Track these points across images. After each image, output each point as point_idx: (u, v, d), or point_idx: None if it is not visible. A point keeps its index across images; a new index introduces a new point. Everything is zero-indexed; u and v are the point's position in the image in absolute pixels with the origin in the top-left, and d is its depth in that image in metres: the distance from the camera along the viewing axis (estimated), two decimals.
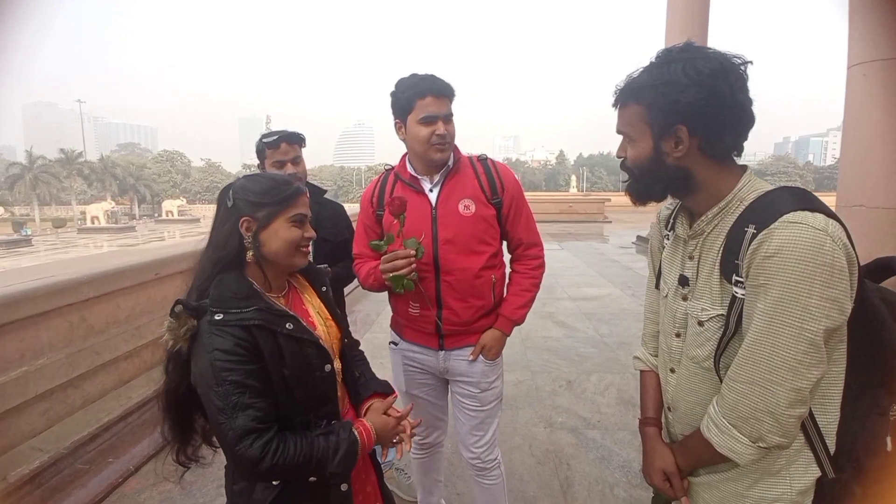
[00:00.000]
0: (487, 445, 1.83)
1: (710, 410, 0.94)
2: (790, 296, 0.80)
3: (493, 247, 1.70)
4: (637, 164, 0.98)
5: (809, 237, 0.79)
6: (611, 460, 2.72)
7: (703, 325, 0.96)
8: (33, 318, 2.41)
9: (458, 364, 1.75)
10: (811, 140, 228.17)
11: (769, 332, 0.83)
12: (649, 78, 0.93)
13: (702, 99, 0.88)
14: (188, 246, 4.09)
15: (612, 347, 4.59)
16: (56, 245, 28.23)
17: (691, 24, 8.87)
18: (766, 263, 0.82)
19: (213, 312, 1.04)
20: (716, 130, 0.91)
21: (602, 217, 21.36)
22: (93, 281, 2.76)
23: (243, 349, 1.03)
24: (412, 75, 1.63)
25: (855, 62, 4.36)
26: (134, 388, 3.04)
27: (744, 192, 0.93)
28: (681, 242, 1.05)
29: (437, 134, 1.57)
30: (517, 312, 1.75)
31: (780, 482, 0.92)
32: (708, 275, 0.96)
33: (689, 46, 0.92)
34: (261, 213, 1.12)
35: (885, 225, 4.16)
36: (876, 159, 4.24)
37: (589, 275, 8.36)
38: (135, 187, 55.26)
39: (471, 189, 1.67)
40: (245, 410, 1.00)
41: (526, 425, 3.12)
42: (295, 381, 1.09)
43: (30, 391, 2.37)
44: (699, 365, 0.99)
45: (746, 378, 0.86)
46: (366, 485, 1.34)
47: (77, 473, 2.43)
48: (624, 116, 0.99)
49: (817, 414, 0.90)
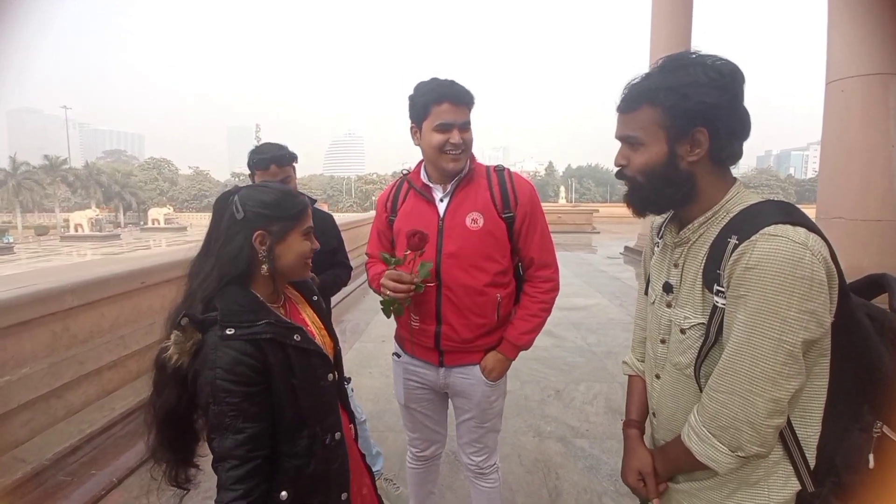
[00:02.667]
0: (487, 454, 1.81)
1: (691, 419, 0.95)
2: (769, 308, 0.81)
3: (500, 264, 1.60)
4: (646, 170, 0.96)
5: (789, 250, 0.80)
6: (599, 469, 2.73)
7: (686, 332, 0.97)
8: (15, 326, 2.37)
9: (458, 381, 1.70)
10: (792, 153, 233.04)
11: (749, 343, 0.84)
12: (663, 80, 0.91)
13: (726, 101, 0.88)
14: (175, 254, 4.05)
15: (600, 357, 4.62)
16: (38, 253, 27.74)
17: (675, 39, 9.07)
18: (746, 275, 0.83)
19: (224, 327, 1.02)
20: (729, 135, 0.91)
21: (590, 228, 21.53)
22: (76, 289, 2.72)
23: (248, 367, 1.01)
24: (432, 79, 1.55)
25: (833, 78, 4.49)
26: (118, 399, 3.00)
27: (731, 204, 0.94)
28: (668, 250, 1.06)
29: (452, 142, 1.51)
30: (523, 338, 1.65)
31: (759, 493, 0.93)
32: (691, 283, 0.97)
33: (698, 52, 0.92)
34: (275, 227, 1.12)
35: (864, 236, 4.27)
36: (854, 172, 4.36)
37: (577, 285, 8.40)
38: (120, 195, 54.59)
39: (482, 202, 1.59)
40: (235, 434, 1.00)
41: (515, 434, 3.12)
42: (303, 392, 1.09)
43: (12, 401, 2.33)
44: (682, 372, 1.00)
45: (727, 388, 0.87)
46: (361, 487, 1.35)
47: (59, 486, 2.38)
48: (633, 121, 0.96)
49: (798, 427, 0.90)
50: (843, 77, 4.36)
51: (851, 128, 4.37)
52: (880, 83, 4.16)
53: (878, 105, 4.18)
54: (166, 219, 46.12)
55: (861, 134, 4.29)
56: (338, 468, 1.19)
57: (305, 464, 1.10)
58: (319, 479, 1.13)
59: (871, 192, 4.25)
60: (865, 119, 4.26)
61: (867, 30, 4.23)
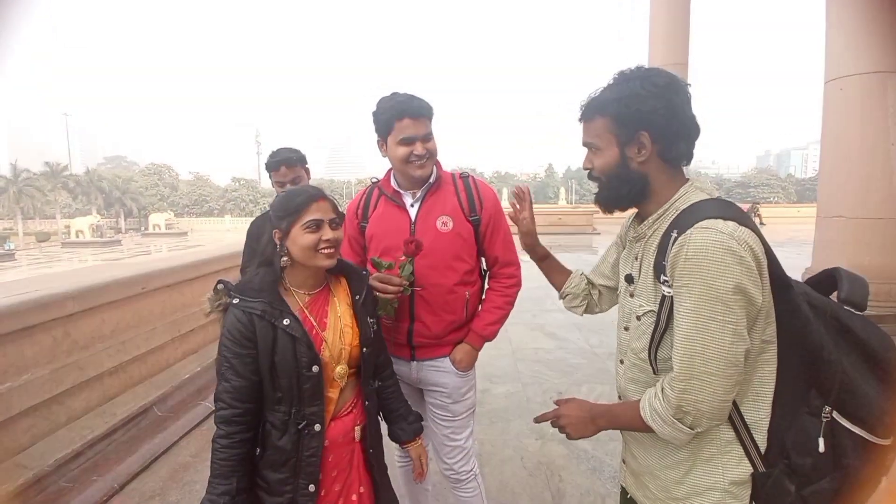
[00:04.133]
0: (461, 456, 1.83)
1: (655, 403, 1.01)
2: (710, 293, 0.91)
3: (468, 263, 1.73)
4: (604, 172, 1.11)
5: (718, 240, 0.90)
6: (602, 471, 2.72)
7: (640, 319, 1.09)
8: (17, 332, 2.37)
9: (430, 375, 1.79)
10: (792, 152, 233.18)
11: (696, 327, 0.93)
12: (611, 93, 1.06)
13: (661, 107, 1.01)
14: (176, 260, 4.06)
15: (602, 358, 4.61)
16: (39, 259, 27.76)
17: (673, 41, 9.07)
18: (686, 266, 0.93)
19: (233, 297, 1.27)
20: (671, 136, 1.04)
21: (591, 229, 21.52)
22: (77, 295, 2.72)
23: (239, 333, 1.23)
24: (392, 95, 1.66)
25: (832, 77, 4.49)
26: (119, 405, 2.99)
27: (680, 202, 1.04)
28: (631, 244, 1.18)
29: (416, 154, 1.62)
30: (488, 329, 1.78)
31: (714, 470, 1.00)
32: (646, 274, 1.08)
33: (641, 67, 1.07)
34: (283, 224, 1.29)
35: (864, 234, 4.27)
36: (854, 171, 4.36)
37: None
38: (121, 200, 54.62)
39: (450, 206, 1.72)
40: (224, 382, 1.24)
41: (517, 437, 3.12)
42: (282, 371, 1.25)
43: (13, 407, 2.33)
44: (638, 356, 1.11)
45: (686, 375, 0.95)
46: (350, 493, 1.39)
47: (61, 491, 2.38)
48: (590, 129, 1.11)
49: (747, 411, 0.98)
50: (842, 76, 4.36)
51: (851, 126, 4.37)
52: (879, 81, 4.17)
53: (877, 103, 4.19)
54: (167, 224, 46.19)
55: (860, 132, 4.29)
56: (308, 457, 1.28)
57: (279, 436, 1.27)
58: (288, 455, 1.27)
59: (871, 190, 4.25)
60: (864, 117, 4.26)
61: (866, 28, 4.24)
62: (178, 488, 2.62)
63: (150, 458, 2.85)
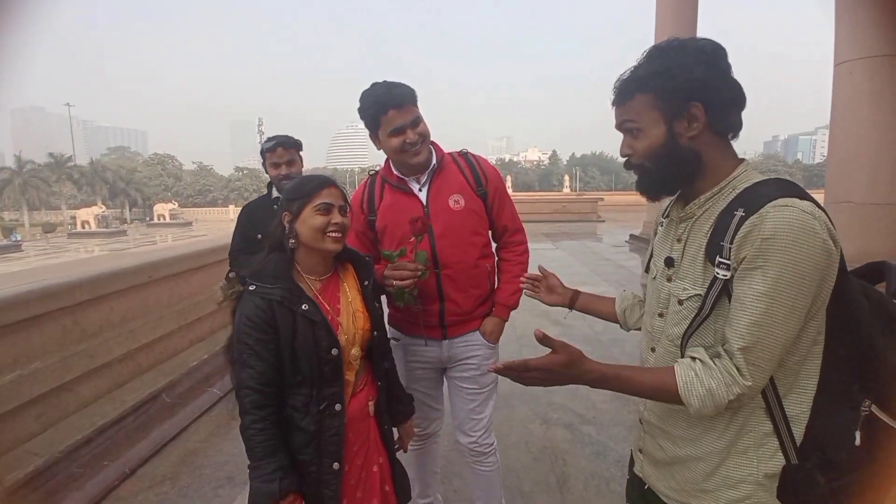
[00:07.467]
0: (485, 429, 1.89)
1: (702, 372, 0.92)
2: (788, 277, 0.84)
3: (484, 237, 1.79)
4: (650, 154, 1.00)
5: (801, 219, 0.83)
6: (606, 455, 2.74)
7: (683, 303, 1.00)
8: (26, 321, 2.40)
9: (461, 350, 1.83)
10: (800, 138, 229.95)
11: (767, 312, 0.86)
12: (652, 66, 0.96)
13: (712, 74, 0.93)
14: (181, 249, 4.08)
15: (607, 345, 4.62)
16: (46, 250, 27.96)
17: (680, 26, 8.95)
18: (764, 246, 0.85)
19: (249, 284, 1.30)
20: (723, 105, 0.95)
21: (595, 216, 21.43)
22: (86, 284, 2.74)
23: (260, 319, 1.26)
24: (372, 87, 1.63)
25: (841, 60, 4.41)
26: (128, 392, 3.03)
27: (737, 182, 0.96)
28: (673, 226, 1.09)
29: (408, 142, 1.62)
30: (511, 298, 1.85)
31: (748, 463, 0.96)
32: (693, 256, 1.00)
33: (677, 38, 0.97)
34: (293, 206, 1.34)
35: (873, 221, 4.22)
36: (863, 156, 4.30)
37: (583, 273, 8.39)
38: (125, 191, 54.79)
39: (458, 184, 1.74)
40: (248, 369, 1.26)
41: (522, 422, 3.14)
42: (303, 355, 1.29)
43: (24, 395, 2.36)
44: (673, 343, 1.03)
45: (753, 358, 0.87)
46: (371, 464, 1.45)
47: (73, 477, 2.42)
48: (628, 110, 1.00)
49: (790, 404, 0.93)
50: (851, 59, 4.28)
51: (860, 111, 4.30)
52: (889, 64, 4.09)
53: (887, 87, 4.12)
54: (171, 214, 46.29)
55: (869, 116, 4.23)
56: (331, 437, 1.33)
57: (301, 417, 1.31)
58: (312, 436, 1.31)
59: (880, 175, 4.20)
60: (874, 101, 4.19)
61: (875, 11, 4.16)
62: (189, 472, 2.66)
63: (161, 443, 2.90)
